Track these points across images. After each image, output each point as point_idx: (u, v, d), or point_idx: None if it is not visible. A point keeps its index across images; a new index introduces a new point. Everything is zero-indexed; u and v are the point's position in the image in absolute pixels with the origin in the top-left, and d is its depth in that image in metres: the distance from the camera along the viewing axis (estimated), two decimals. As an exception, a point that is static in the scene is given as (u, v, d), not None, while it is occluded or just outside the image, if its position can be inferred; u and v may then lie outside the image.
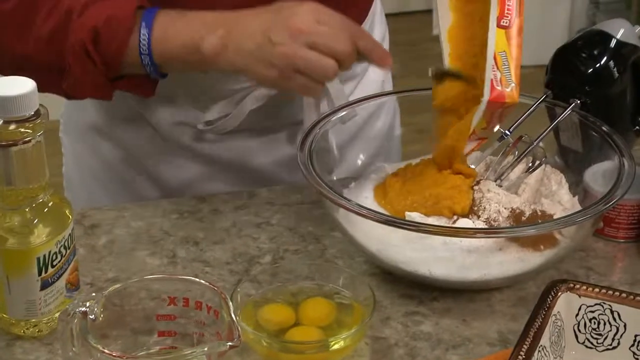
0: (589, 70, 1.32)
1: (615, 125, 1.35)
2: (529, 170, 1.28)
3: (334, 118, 1.32)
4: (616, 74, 1.32)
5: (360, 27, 1.22)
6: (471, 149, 1.28)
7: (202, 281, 1.05)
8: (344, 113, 1.33)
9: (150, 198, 1.46)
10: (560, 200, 1.27)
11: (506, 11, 1.19)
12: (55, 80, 1.25)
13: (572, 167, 1.34)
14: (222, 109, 1.38)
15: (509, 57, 1.19)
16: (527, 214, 1.22)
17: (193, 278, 1.06)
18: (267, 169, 1.47)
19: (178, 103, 1.40)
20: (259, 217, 1.37)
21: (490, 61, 1.17)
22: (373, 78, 1.52)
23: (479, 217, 1.21)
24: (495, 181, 1.27)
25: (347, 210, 1.15)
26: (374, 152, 1.45)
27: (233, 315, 0.98)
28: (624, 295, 1.05)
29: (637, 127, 1.43)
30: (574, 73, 1.33)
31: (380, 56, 1.23)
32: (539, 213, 1.23)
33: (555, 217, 1.22)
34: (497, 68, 1.18)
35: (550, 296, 1.06)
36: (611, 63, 1.32)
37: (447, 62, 1.23)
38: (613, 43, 1.34)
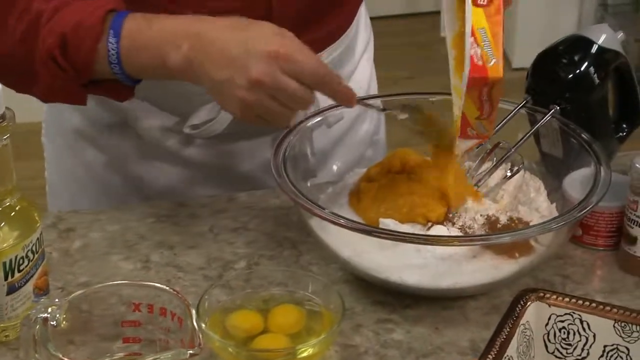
0: (569, 76, 1.30)
1: (597, 131, 1.34)
2: (507, 177, 1.27)
3: (309, 123, 1.31)
4: (597, 80, 1.31)
5: (326, 70, 1.17)
6: (469, 147, 1.24)
7: (167, 288, 1.04)
8: (319, 119, 1.31)
9: (131, 202, 1.45)
10: (538, 207, 1.26)
11: None
12: (29, 82, 1.24)
13: (553, 173, 1.33)
14: (208, 114, 1.36)
15: (488, 33, 1.16)
16: (503, 221, 1.21)
17: (157, 284, 1.05)
18: (253, 174, 1.46)
19: (163, 108, 1.39)
20: (237, 221, 1.36)
21: (468, 38, 1.14)
22: (359, 79, 1.51)
23: (453, 224, 1.20)
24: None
25: (317, 217, 1.14)
26: (358, 156, 1.44)
27: (195, 323, 0.97)
28: (593, 305, 1.04)
29: (621, 134, 1.42)
30: (553, 79, 1.31)
31: (343, 99, 1.21)
32: (515, 220, 1.22)
33: (531, 224, 1.20)
34: (477, 44, 1.15)
35: (519, 305, 1.04)
36: (591, 69, 1.31)
37: (453, 66, 1.22)
38: (594, 49, 1.32)
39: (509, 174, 1.28)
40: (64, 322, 1.02)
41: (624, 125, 1.42)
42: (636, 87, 1.40)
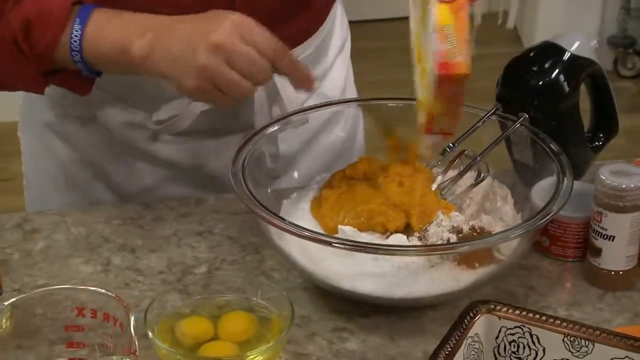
0: (538, 84, 1.28)
1: (569, 140, 1.32)
2: (472, 185, 1.25)
3: (274, 128, 1.29)
4: (567, 89, 1.29)
5: (284, 48, 1.19)
6: (433, 142, 1.23)
7: (110, 293, 1.02)
8: (284, 123, 1.30)
9: (106, 202, 1.44)
10: (503, 216, 1.24)
11: None
12: None
13: (524, 181, 1.31)
14: (173, 109, 1.36)
15: (454, 30, 1.14)
16: (465, 230, 1.19)
17: (100, 289, 1.03)
18: (222, 174, 1.45)
19: (129, 103, 1.38)
20: (202, 225, 1.35)
21: (433, 35, 1.13)
22: (334, 79, 1.49)
23: (414, 232, 1.19)
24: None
25: (269, 224, 1.13)
26: (329, 161, 1.42)
27: (132, 329, 0.96)
28: (543, 318, 1.02)
29: (597, 144, 1.39)
30: (523, 86, 1.29)
31: (301, 79, 1.21)
32: (477, 230, 1.20)
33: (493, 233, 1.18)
34: (443, 40, 1.13)
35: (468, 317, 1.02)
36: (561, 77, 1.29)
37: (415, 61, 1.20)
38: (566, 56, 1.30)
39: (474, 181, 1.26)
40: (8, 326, 1.01)
41: (601, 135, 1.40)
42: (612, 96, 1.38)
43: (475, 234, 1.19)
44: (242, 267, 1.26)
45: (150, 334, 1.04)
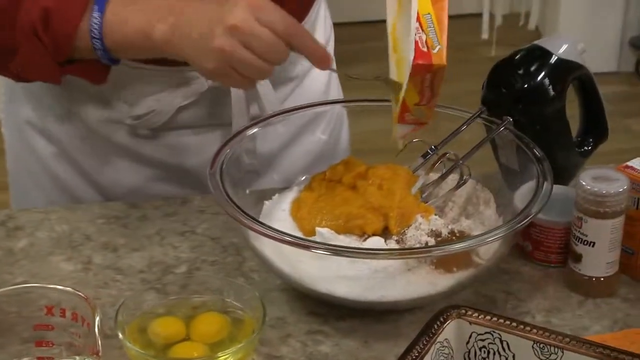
0: (522, 87, 1.27)
1: (555, 145, 1.31)
2: (453, 189, 1.24)
3: (254, 130, 1.29)
4: (552, 92, 1.28)
5: (300, 26, 1.18)
6: (406, 132, 1.22)
7: (79, 292, 1.02)
8: (258, 129, 1.30)
9: (87, 200, 1.44)
10: (485, 220, 1.23)
11: None
12: (6, 58, 1.24)
13: (510, 185, 1.29)
14: (151, 105, 1.36)
15: (434, 19, 1.14)
16: (444, 234, 1.18)
17: (68, 288, 1.03)
18: (202, 171, 1.44)
19: (107, 99, 1.38)
20: (186, 225, 1.35)
21: (414, 23, 1.12)
22: (316, 78, 1.48)
23: (392, 235, 1.18)
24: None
25: (244, 226, 1.13)
26: (311, 163, 1.42)
27: (97, 329, 0.96)
28: (514, 324, 1.01)
29: (586, 148, 1.38)
30: (507, 89, 1.28)
31: (318, 58, 1.20)
32: (457, 233, 1.19)
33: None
34: (422, 30, 1.12)
35: (437, 322, 1.02)
36: (546, 81, 1.27)
37: (391, 48, 1.21)
38: (552, 60, 1.29)
39: (456, 185, 1.25)
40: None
41: (590, 140, 1.38)
42: (601, 100, 1.37)
43: (454, 237, 1.18)
44: (222, 267, 1.26)
45: (120, 334, 1.04)
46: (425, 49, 1.11)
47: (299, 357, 1.11)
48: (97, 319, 0.98)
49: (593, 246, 1.18)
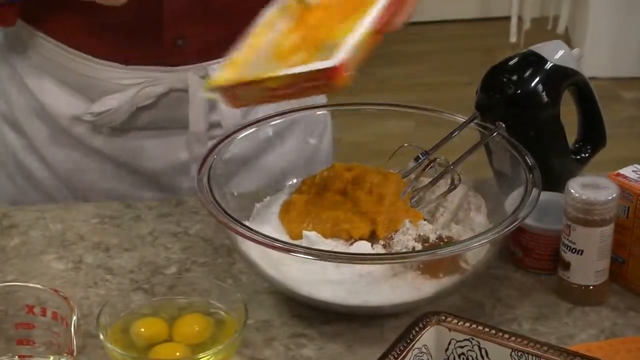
0: (515, 93, 1.27)
1: (550, 151, 1.31)
2: (442, 194, 1.24)
3: (242, 135, 1.29)
4: (545, 99, 1.27)
5: None
6: (214, 95, 1.11)
7: (60, 292, 1.03)
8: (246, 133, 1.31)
9: (57, 196, 1.45)
10: (475, 226, 1.23)
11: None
12: None
13: (504, 191, 1.29)
14: (109, 103, 1.37)
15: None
16: (432, 239, 1.18)
17: (47, 287, 1.04)
18: (161, 173, 1.45)
19: (70, 93, 1.40)
20: (179, 226, 1.35)
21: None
22: None
23: (379, 240, 1.18)
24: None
25: (227, 229, 1.13)
26: (290, 166, 1.41)
27: (72, 329, 0.96)
28: (492, 332, 1.01)
29: (583, 155, 1.37)
30: (501, 95, 1.28)
31: None
32: (445, 239, 1.18)
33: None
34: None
35: (416, 328, 1.01)
36: (540, 87, 1.27)
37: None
38: (547, 66, 1.28)
39: (446, 190, 1.24)
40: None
41: (588, 147, 1.38)
42: (598, 107, 1.36)
43: (442, 243, 1.18)
44: (212, 269, 1.26)
45: (101, 335, 1.04)
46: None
47: (282, 360, 1.12)
48: (75, 318, 0.98)
49: (581, 254, 1.17)
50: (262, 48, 1.10)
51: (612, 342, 1.13)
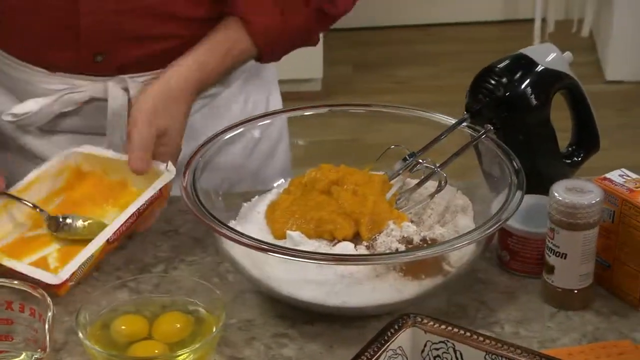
0: (504, 95, 1.26)
1: (540, 154, 1.30)
2: (429, 196, 1.24)
3: (228, 136, 1.30)
4: (534, 102, 1.27)
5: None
6: None
7: (38, 289, 1.04)
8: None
9: None
10: (460, 228, 1.22)
11: None
12: None
13: (494, 193, 1.29)
14: (30, 106, 1.38)
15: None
16: (415, 241, 1.18)
17: (27, 284, 1.05)
18: None
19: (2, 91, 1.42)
20: (170, 224, 1.35)
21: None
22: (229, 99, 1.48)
23: (362, 241, 1.18)
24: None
25: (209, 228, 1.14)
26: (285, 168, 1.42)
27: (47, 327, 0.97)
28: (467, 334, 1.01)
29: (576, 159, 1.37)
30: (489, 97, 1.27)
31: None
32: (429, 241, 1.18)
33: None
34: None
35: (392, 330, 1.02)
36: (529, 90, 1.26)
37: None
38: (537, 69, 1.28)
39: (433, 192, 1.24)
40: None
41: (580, 151, 1.37)
42: (591, 111, 1.35)
43: (425, 245, 1.18)
44: (198, 268, 1.27)
45: (80, 334, 1.05)
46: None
47: (262, 359, 1.12)
48: (50, 315, 0.99)
49: (565, 258, 1.17)
50: None
51: (594, 347, 1.13)
